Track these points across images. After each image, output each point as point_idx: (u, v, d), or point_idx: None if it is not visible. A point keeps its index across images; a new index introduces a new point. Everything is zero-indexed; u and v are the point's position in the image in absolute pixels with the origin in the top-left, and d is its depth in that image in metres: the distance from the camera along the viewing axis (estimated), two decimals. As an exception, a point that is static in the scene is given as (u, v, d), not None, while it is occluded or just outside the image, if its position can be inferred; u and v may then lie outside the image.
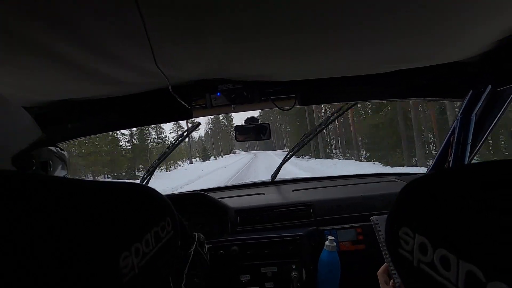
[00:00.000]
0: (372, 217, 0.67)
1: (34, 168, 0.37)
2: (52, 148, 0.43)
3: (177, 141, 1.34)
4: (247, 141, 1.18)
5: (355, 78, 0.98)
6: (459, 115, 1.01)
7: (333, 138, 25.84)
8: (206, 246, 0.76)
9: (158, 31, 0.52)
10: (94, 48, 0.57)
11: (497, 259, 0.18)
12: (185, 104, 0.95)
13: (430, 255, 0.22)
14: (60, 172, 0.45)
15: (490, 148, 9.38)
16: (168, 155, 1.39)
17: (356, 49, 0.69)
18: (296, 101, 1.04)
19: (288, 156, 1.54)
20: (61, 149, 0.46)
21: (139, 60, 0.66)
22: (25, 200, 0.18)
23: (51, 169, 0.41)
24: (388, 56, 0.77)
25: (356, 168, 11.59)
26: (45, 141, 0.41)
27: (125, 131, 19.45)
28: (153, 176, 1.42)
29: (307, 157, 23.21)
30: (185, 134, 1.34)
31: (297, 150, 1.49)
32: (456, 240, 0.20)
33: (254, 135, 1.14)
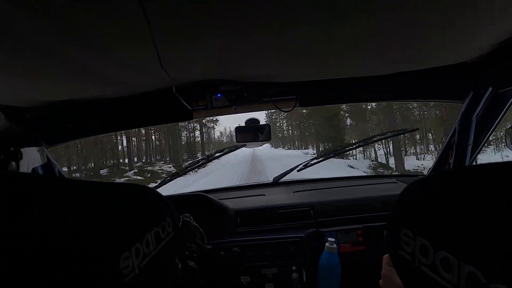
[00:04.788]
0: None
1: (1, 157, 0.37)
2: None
3: (216, 155, 1.34)
4: (246, 142, 1.17)
5: (355, 79, 0.98)
6: (459, 117, 1.01)
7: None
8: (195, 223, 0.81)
9: (162, 31, 0.51)
10: (97, 49, 0.56)
11: (497, 261, 0.17)
12: (187, 105, 0.95)
13: (431, 257, 0.22)
14: (34, 161, 0.44)
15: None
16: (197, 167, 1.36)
17: (357, 50, 0.69)
18: (296, 102, 1.04)
19: (312, 162, 1.34)
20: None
21: (143, 61, 0.66)
22: (26, 201, 0.18)
23: (22, 158, 0.40)
24: (389, 58, 0.77)
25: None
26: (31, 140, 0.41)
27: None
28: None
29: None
30: (225, 151, 1.33)
31: (322, 159, 1.33)
32: (457, 242, 0.20)
33: (253, 136, 1.14)
